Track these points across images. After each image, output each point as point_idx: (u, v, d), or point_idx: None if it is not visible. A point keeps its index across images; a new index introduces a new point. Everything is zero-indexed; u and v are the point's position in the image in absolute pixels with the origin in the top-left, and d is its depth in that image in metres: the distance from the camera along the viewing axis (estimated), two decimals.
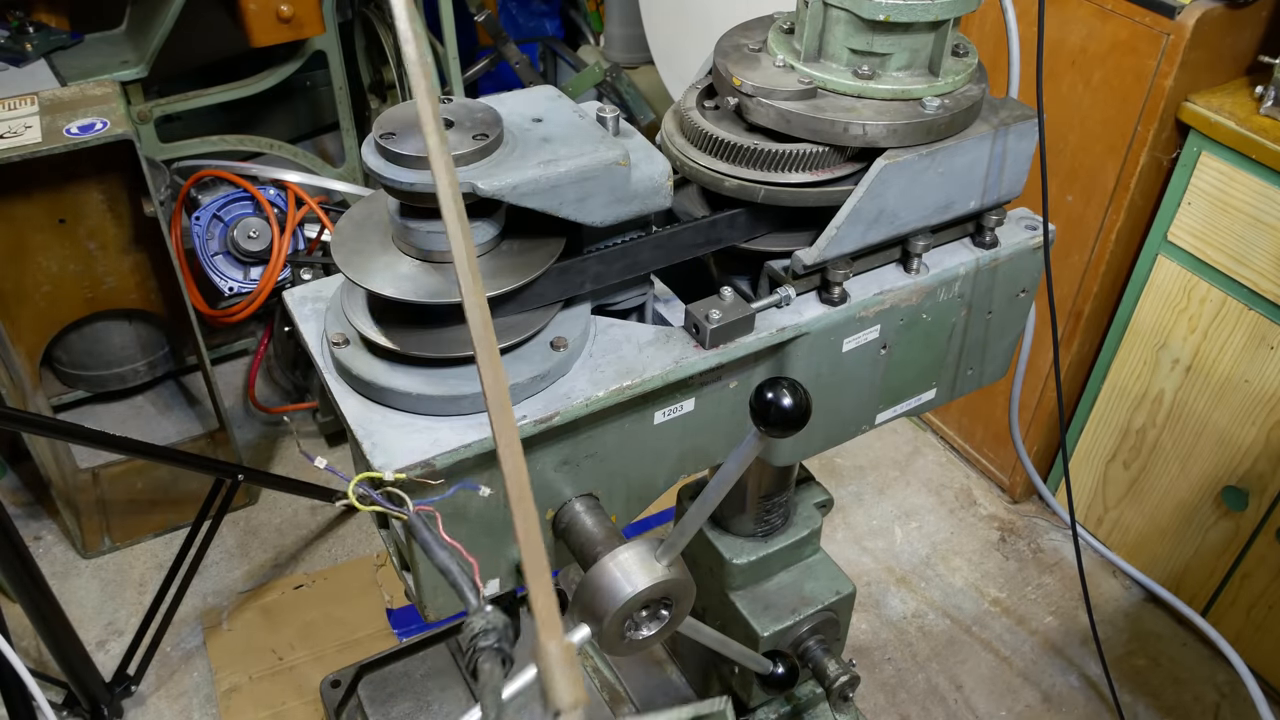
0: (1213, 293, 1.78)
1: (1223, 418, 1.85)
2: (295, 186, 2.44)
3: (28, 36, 2.48)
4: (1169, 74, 1.68)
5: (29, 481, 2.31)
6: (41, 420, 1.89)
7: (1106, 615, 2.13)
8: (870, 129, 0.95)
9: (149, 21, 2.46)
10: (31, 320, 2.22)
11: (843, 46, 0.98)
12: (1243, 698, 1.95)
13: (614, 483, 0.98)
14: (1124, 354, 1.99)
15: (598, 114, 0.94)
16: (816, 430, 1.09)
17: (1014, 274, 1.12)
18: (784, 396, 0.73)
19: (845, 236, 0.97)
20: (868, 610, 2.12)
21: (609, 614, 0.86)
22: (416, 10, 2.68)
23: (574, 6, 3.51)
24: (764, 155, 0.97)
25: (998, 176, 1.06)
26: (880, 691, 1.97)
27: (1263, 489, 1.83)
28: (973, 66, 1.03)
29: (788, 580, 1.35)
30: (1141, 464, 2.04)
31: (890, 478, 2.43)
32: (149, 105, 2.53)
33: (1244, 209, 1.69)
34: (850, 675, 1.32)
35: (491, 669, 0.55)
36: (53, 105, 1.98)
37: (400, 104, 0.88)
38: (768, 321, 0.97)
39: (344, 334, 0.92)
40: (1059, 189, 1.95)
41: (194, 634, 2.02)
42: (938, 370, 1.15)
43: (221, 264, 2.44)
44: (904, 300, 1.04)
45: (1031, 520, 2.33)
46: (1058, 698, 1.97)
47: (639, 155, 0.92)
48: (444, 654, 1.74)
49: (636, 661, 1.67)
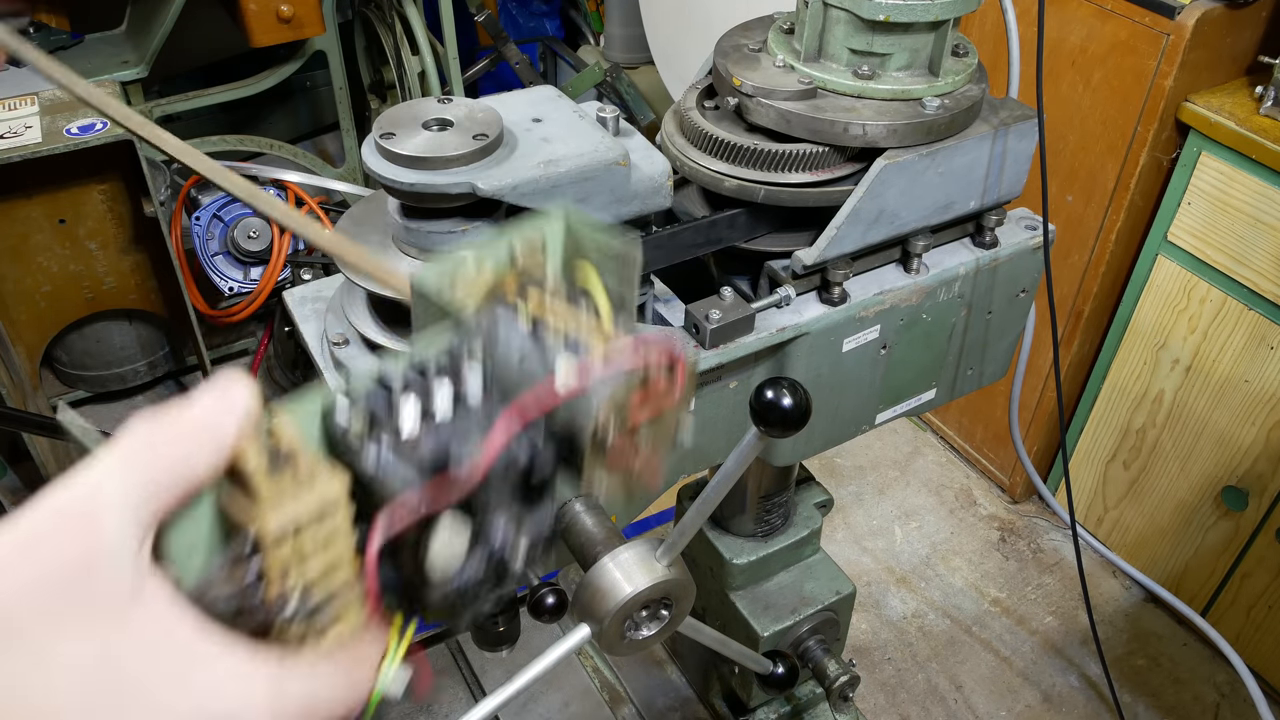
0: (1213, 293, 1.78)
1: (1223, 418, 1.85)
2: (295, 187, 2.44)
3: (28, 36, 2.48)
4: (1169, 74, 1.68)
5: (29, 481, 2.31)
6: (41, 420, 1.89)
7: (1106, 615, 2.13)
8: (870, 129, 0.95)
9: (149, 21, 2.46)
10: (31, 320, 2.22)
11: (843, 46, 0.98)
12: (1243, 698, 1.95)
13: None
14: (1124, 354, 1.99)
15: (598, 114, 0.94)
16: (816, 430, 1.09)
17: (1014, 274, 1.12)
18: (784, 396, 0.73)
19: (845, 236, 0.97)
20: (868, 610, 2.12)
21: (609, 614, 0.86)
22: (418, 11, 2.68)
23: (574, 6, 3.51)
24: (764, 155, 0.97)
25: (998, 176, 1.06)
26: (880, 691, 1.97)
27: (1263, 489, 1.82)
28: (973, 66, 1.03)
29: (788, 580, 1.35)
30: (1141, 464, 2.04)
31: (890, 478, 2.43)
32: (149, 105, 2.53)
33: (1244, 209, 1.69)
34: (850, 675, 1.32)
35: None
36: (53, 105, 1.98)
37: (400, 104, 0.88)
38: (768, 321, 0.97)
39: (344, 334, 0.92)
40: (1059, 189, 1.95)
41: None
42: (938, 370, 1.15)
43: (221, 264, 2.44)
44: (904, 300, 1.04)
45: (1031, 520, 2.33)
46: (1058, 698, 1.97)
47: (639, 155, 0.92)
48: (444, 654, 1.74)
49: (636, 661, 1.67)
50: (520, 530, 0.47)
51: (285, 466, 0.42)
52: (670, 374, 0.50)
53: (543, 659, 0.82)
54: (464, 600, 0.46)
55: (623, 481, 0.52)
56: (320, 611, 0.44)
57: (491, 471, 0.44)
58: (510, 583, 0.48)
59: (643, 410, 0.50)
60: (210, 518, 0.42)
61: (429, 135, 0.83)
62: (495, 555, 0.46)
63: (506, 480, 0.46)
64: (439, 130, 0.84)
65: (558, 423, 0.48)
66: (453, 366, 0.47)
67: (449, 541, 0.44)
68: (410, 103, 0.87)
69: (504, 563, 0.46)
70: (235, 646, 0.40)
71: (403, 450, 0.44)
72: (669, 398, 0.51)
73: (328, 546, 0.43)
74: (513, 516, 0.47)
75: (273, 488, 0.41)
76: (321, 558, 0.43)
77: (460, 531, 0.45)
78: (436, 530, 0.44)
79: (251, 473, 0.41)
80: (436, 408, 0.45)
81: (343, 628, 0.45)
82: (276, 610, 0.42)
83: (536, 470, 0.47)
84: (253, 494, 0.41)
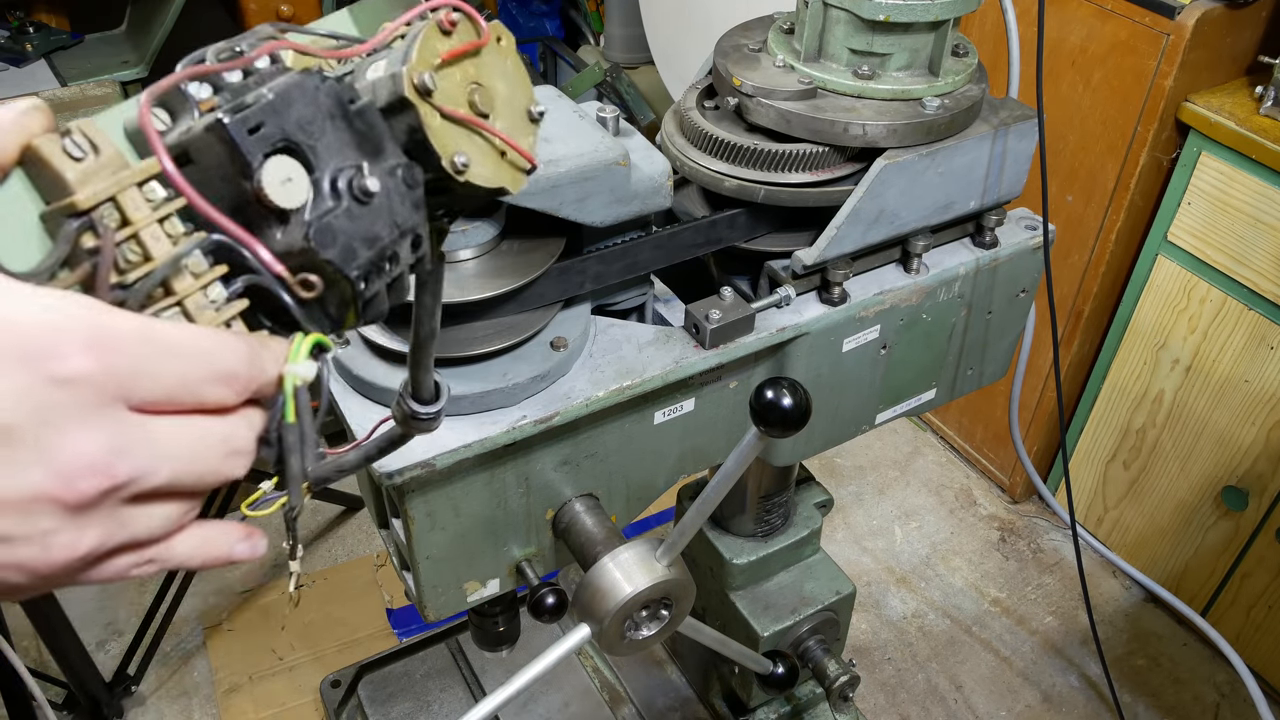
0: (1213, 293, 1.78)
1: (1223, 418, 1.85)
2: None
3: (28, 36, 2.48)
4: (1169, 74, 1.68)
5: None
6: None
7: (1106, 615, 2.13)
8: (870, 129, 0.95)
9: (149, 21, 2.46)
10: None
11: (843, 46, 0.98)
12: (1243, 698, 1.95)
13: (614, 483, 0.98)
14: (1124, 354, 1.99)
15: (598, 114, 0.94)
16: (816, 430, 1.09)
17: (1014, 274, 1.12)
18: (784, 396, 0.73)
19: (845, 236, 0.97)
20: (868, 610, 2.12)
21: (609, 614, 0.86)
22: None
23: (574, 6, 3.51)
24: (764, 155, 0.97)
25: (997, 176, 1.06)
26: (880, 691, 1.97)
27: (1263, 489, 1.82)
28: (973, 66, 1.03)
29: (788, 580, 1.35)
30: (1141, 464, 2.04)
31: (890, 478, 2.43)
32: None
33: (1244, 209, 1.69)
34: (850, 675, 1.32)
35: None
36: (53, 106, 1.98)
37: None
38: (768, 321, 0.97)
39: (344, 334, 0.92)
40: (1059, 189, 1.95)
41: (194, 634, 2.02)
42: (938, 370, 1.15)
43: None
44: (904, 300, 1.04)
45: (1031, 520, 2.33)
46: (1058, 698, 1.97)
47: (639, 155, 0.92)
48: (444, 654, 1.74)
49: (636, 661, 1.67)
50: (365, 166, 0.46)
51: (87, 154, 0.41)
52: (466, 19, 0.50)
53: (543, 659, 0.82)
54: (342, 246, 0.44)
55: (493, 159, 0.52)
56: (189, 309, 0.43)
57: (287, 90, 0.44)
58: (386, 225, 0.46)
59: (452, 45, 0.50)
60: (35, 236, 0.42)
61: None
62: (341, 182, 0.45)
63: (317, 110, 0.45)
64: None
65: (379, 98, 0.48)
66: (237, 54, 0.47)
67: (277, 164, 0.43)
68: None
69: (360, 187, 0.45)
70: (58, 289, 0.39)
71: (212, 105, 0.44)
72: (478, 38, 0.51)
73: (163, 224, 0.42)
74: (345, 151, 0.45)
75: (79, 170, 0.41)
76: (153, 228, 0.42)
77: (289, 160, 0.44)
78: (262, 164, 0.43)
79: (50, 159, 0.41)
80: (228, 81, 0.46)
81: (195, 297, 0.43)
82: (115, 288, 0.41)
83: (353, 105, 0.46)
84: (60, 183, 0.41)
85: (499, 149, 0.52)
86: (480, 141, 0.51)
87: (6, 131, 0.40)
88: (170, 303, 0.43)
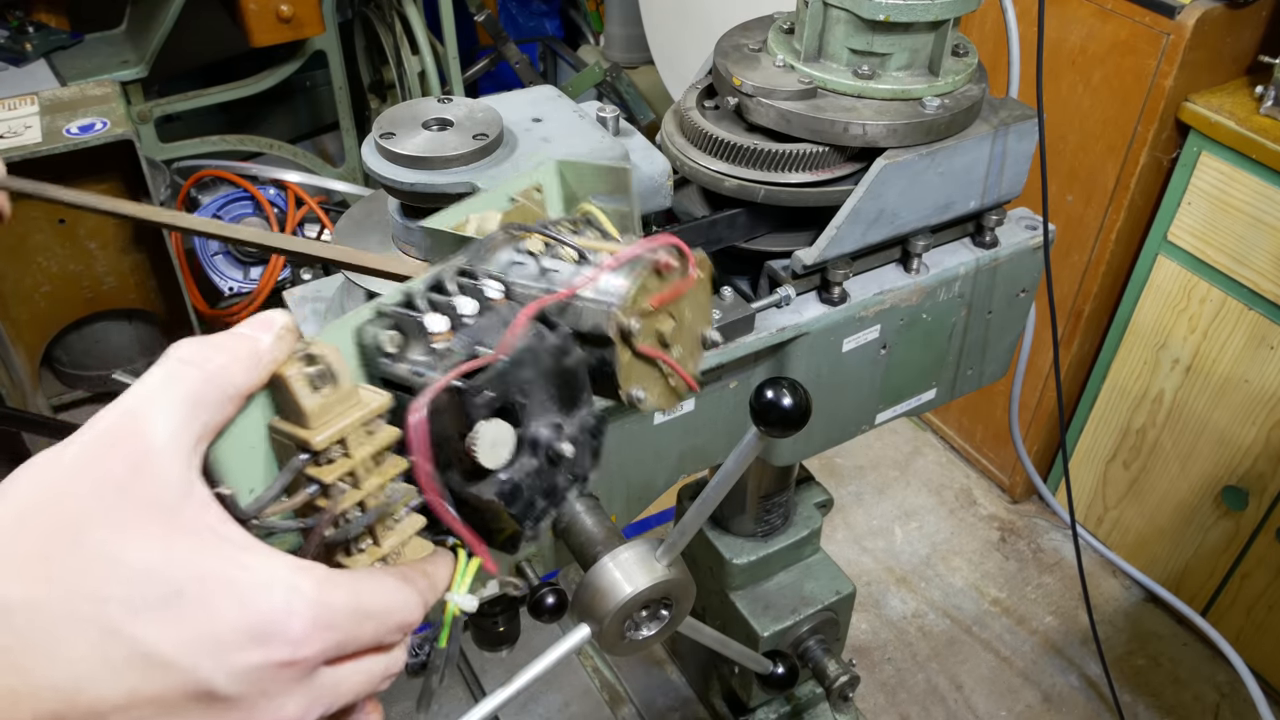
0: (1213, 293, 1.78)
1: (1223, 418, 1.85)
2: (295, 186, 2.44)
3: (28, 36, 2.48)
4: (1169, 74, 1.68)
5: None
6: (41, 420, 1.89)
7: (1106, 615, 2.13)
8: (870, 129, 0.95)
9: (149, 21, 2.46)
10: (31, 320, 2.22)
11: (843, 46, 0.98)
12: (1243, 698, 1.95)
13: (614, 483, 0.98)
14: (1124, 354, 1.99)
15: (598, 114, 0.94)
16: (816, 430, 1.09)
17: (1014, 274, 1.12)
18: (784, 396, 0.73)
19: (845, 236, 0.97)
20: (868, 610, 2.12)
21: (609, 614, 0.86)
22: (418, 11, 2.68)
23: (574, 6, 3.51)
24: (764, 155, 0.97)
25: (997, 176, 1.06)
26: (880, 691, 1.97)
27: (1263, 489, 1.82)
28: (973, 66, 1.03)
29: (788, 580, 1.35)
30: (1141, 464, 2.04)
31: (890, 478, 2.43)
32: (149, 105, 2.53)
33: (1244, 209, 1.69)
34: (850, 675, 1.32)
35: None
36: (53, 105, 1.98)
37: (400, 104, 0.88)
38: (768, 321, 0.97)
39: None
40: (1059, 189, 1.95)
41: None
42: (938, 370, 1.15)
43: (221, 264, 2.44)
44: (904, 300, 1.04)
45: (1031, 520, 2.33)
46: (1058, 698, 1.97)
47: (639, 155, 0.92)
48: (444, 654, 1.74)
49: (636, 661, 1.67)
50: (563, 423, 0.48)
51: (326, 384, 0.43)
52: (680, 258, 0.51)
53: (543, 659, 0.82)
54: (524, 501, 0.47)
55: (660, 386, 0.54)
56: (377, 531, 0.45)
57: (519, 356, 0.45)
58: (565, 476, 0.49)
59: (662, 290, 0.51)
60: (261, 445, 0.44)
61: (429, 135, 0.83)
62: (542, 443, 0.47)
63: (537, 371, 0.46)
64: (439, 130, 0.84)
65: (583, 323, 0.49)
66: (472, 283, 0.49)
67: (492, 428, 0.45)
68: (410, 102, 0.87)
69: (554, 450, 0.47)
70: (284, 554, 0.41)
71: (436, 355, 0.46)
72: (684, 280, 0.52)
73: (379, 463, 0.44)
74: (550, 406, 0.47)
75: (317, 403, 0.42)
76: (375, 476, 0.44)
77: (502, 425, 0.46)
78: (478, 424, 0.45)
79: (294, 389, 0.42)
80: (462, 313, 0.47)
81: (399, 543, 0.46)
82: (331, 525, 0.43)
83: (566, 361, 0.48)
84: (298, 411, 0.42)
85: (667, 374, 0.54)
86: (656, 372, 0.53)
87: (264, 365, 0.42)
88: (371, 545, 0.46)
